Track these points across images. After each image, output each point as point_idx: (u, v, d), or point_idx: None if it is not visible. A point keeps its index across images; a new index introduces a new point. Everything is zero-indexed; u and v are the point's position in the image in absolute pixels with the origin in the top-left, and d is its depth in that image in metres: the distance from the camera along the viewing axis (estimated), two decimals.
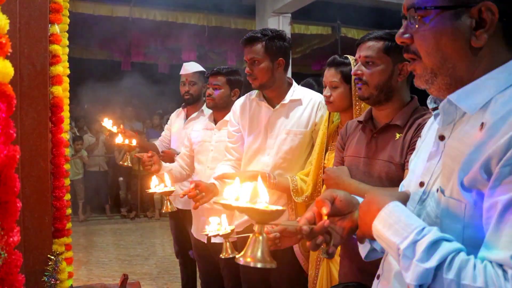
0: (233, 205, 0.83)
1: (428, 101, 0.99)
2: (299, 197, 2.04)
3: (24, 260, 0.76)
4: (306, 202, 2.04)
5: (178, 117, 3.34)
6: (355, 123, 1.71)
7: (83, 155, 7.04)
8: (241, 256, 0.80)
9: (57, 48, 1.93)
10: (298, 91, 2.19)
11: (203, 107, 3.11)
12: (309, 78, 3.21)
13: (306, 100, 2.17)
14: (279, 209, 0.81)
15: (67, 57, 2.23)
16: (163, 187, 1.77)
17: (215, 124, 2.71)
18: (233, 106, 2.36)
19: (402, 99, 1.57)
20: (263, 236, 0.81)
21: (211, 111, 2.78)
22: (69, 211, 2.12)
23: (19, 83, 1.70)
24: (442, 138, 0.91)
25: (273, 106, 2.18)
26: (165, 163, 2.57)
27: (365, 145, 1.60)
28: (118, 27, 7.23)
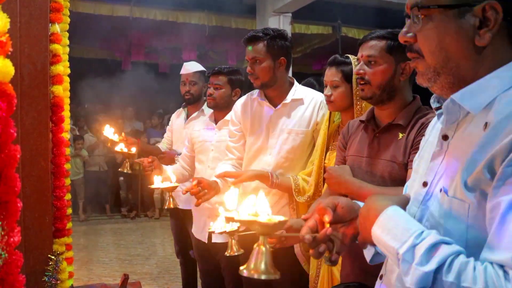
0: (235, 218, 0.85)
1: (432, 101, 0.98)
2: (301, 197, 2.04)
3: (25, 260, 0.75)
4: (308, 202, 2.03)
5: (179, 117, 3.34)
6: (357, 122, 1.70)
7: (83, 155, 7.03)
8: (244, 268, 0.82)
9: (57, 47, 1.93)
10: (300, 91, 2.19)
11: (204, 106, 3.11)
12: (310, 77, 3.20)
13: (307, 99, 2.16)
14: (282, 220, 0.81)
15: (68, 57, 2.23)
16: (166, 182, 1.77)
17: (216, 123, 2.70)
18: (235, 105, 2.36)
19: (405, 99, 1.57)
20: (266, 248, 0.82)
21: (211, 111, 2.78)
22: (69, 211, 2.11)
23: (19, 82, 1.69)
24: (445, 137, 0.91)
25: (275, 106, 2.18)
26: (165, 166, 2.57)
27: (367, 144, 1.59)
28: (118, 27, 7.23)
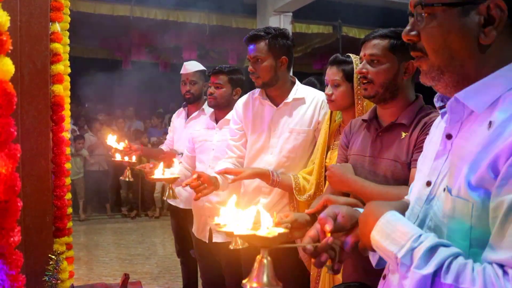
0: (235, 233, 0.85)
1: (435, 100, 0.97)
2: (301, 196, 2.04)
3: (25, 259, 0.75)
4: (309, 201, 2.03)
5: (179, 117, 3.33)
6: (360, 121, 1.69)
7: (83, 154, 7.03)
8: (247, 281, 0.82)
9: (58, 46, 1.92)
10: (301, 90, 2.19)
11: (204, 106, 3.10)
12: (311, 77, 3.20)
13: (309, 98, 2.16)
14: (281, 232, 0.82)
15: (68, 56, 2.22)
16: (166, 173, 1.76)
17: (217, 123, 2.70)
18: (236, 104, 2.35)
19: (407, 98, 1.56)
20: (267, 260, 0.82)
21: (212, 110, 2.77)
22: (70, 210, 2.11)
23: (19, 81, 1.69)
24: (449, 137, 0.90)
25: (276, 105, 2.17)
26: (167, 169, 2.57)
27: (370, 144, 1.58)
28: (119, 26, 7.23)
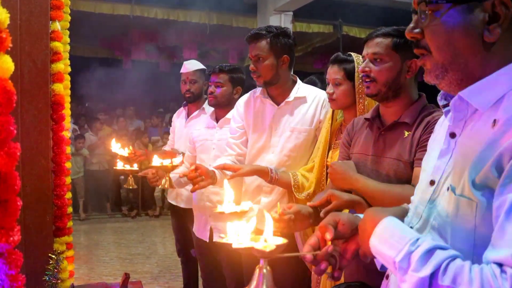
0: (233, 246, 0.87)
1: (439, 98, 0.97)
2: (300, 194, 2.03)
3: (25, 259, 0.74)
4: (308, 200, 2.02)
5: (179, 116, 3.32)
6: (362, 120, 1.68)
7: (84, 154, 7.03)
8: None
9: (58, 45, 1.92)
10: (303, 89, 2.18)
11: (204, 105, 3.09)
12: (312, 75, 3.20)
13: (310, 97, 2.15)
14: (279, 244, 0.84)
15: (68, 55, 2.22)
16: (166, 161, 1.75)
17: (217, 122, 2.69)
18: (237, 103, 2.35)
19: (410, 97, 1.55)
20: (267, 269, 0.84)
21: (212, 109, 2.77)
22: (70, 210, 2.11)
23: (19, 80, 1.69)
24: (453, 135, 0.89)
25: (278, 104, 2.17)
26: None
27: (372, 142, 1.57)
28: (119, 25, 7.23)
